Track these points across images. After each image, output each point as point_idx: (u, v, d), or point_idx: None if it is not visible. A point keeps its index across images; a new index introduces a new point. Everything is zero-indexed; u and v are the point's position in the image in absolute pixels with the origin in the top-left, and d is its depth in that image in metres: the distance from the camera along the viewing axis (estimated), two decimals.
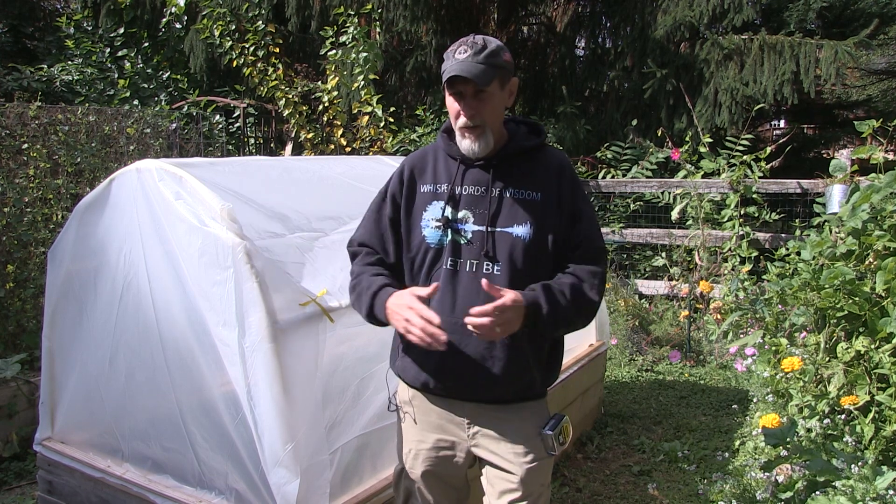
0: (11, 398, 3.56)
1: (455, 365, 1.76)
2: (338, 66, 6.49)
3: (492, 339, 1.67)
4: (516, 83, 1.81)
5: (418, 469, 1.89)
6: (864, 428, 2.51)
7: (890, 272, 2.56)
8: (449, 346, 1.69)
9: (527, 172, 1.80)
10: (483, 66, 1.67)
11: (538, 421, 1.82)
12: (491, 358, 1.74)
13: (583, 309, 1.76)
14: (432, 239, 1.78)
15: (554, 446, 1.79)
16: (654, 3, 7.55)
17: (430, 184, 1.84)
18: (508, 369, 1.75)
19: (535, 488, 1.80)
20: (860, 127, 3.30)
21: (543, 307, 1.66)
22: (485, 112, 1.72)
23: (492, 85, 1.70)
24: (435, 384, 1.80)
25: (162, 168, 2.32)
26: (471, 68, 1.66)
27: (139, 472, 2.41)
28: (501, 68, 1.72)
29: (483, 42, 1.70)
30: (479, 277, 1.70)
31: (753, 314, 3.42)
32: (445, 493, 1.93)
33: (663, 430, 4.01)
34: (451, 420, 1.85)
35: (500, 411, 1.81)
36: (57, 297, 2.66)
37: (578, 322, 1.80)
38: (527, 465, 1.78)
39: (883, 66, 11.17)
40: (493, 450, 1.81)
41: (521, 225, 1.75)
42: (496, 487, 1.82)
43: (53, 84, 8.15)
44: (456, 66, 1.67)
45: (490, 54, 1.69)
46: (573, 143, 7.31)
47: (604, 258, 1.83)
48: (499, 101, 1.75)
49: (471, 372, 1.75)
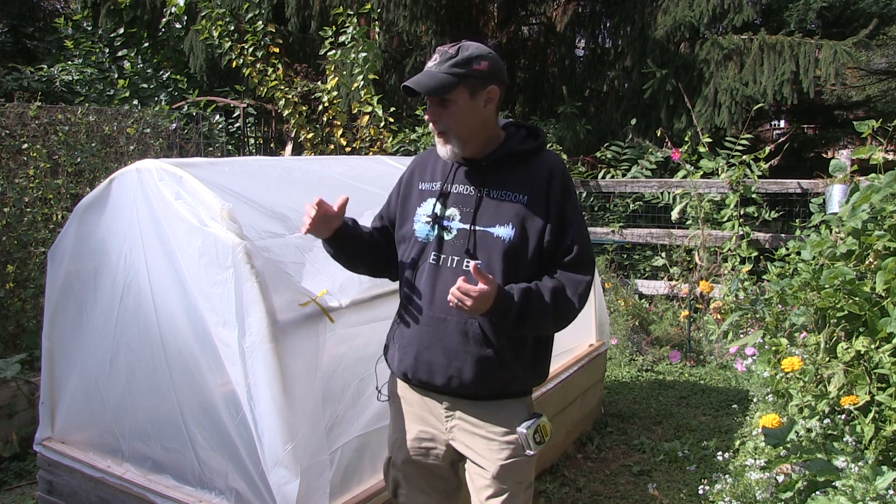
0: (11, 398, 3.56)
1: (429, 357, 1.80)
2: (337, 66, 6.49)
3: (461, 311, 1.68)
4: (496, 91, 1.79)
5: (403, 458, 1.94)
6: (864, 428, 2.51)
7: (890, 272, 2.56)
8: (425, 338, 1.80)
9: (517, 175, 1.82)
10: (443, 76, 1.70)
11: (514, 418, 1.83)
12: (464, 352, 1.77)
13: (560, 315, 1.77)
14: (421, 233, 1.85)
15: (529, 444, 1.79)
16: (654, 3, 7.55)
17: (427, 182, 1.91)
18: (481, 365, 1.77)
19: (510, 486, 1.81)
20: (860, 127, 3.30)
21: (513, 306, 1.69)
22: (447, 119, 1.75)
23: (453, 93, 1.71)
24: (412, 375, 1.85)
25: (162, 168, 2.31)
26: (423, 79, 1.71)
27: (139, 472, 2.41)
28: (470, 77, 1.72)
29: (456, 51, 1.73)
30: (459, 273, 1.74)
31: (753, 314, 3.42)
32: (433, 484, 1.96)
33: (663, 430, 4.01)
34: (430, 412, 1.89)
35: (478, 407, 1.83)
36: (57, 297, 2.66)
37: (552, 327, 1.82)
38: (501, 462, 1.80)
39: (883, 66, 11.18)
40: (469, 445, 1.85)
41: (503, 226, 1.77)
42: (475, 483, 1.86)
43: (53, 84, 8.14)
44: (415, 76, 1.73)
45: (458, 63, 1.71)
46: (573, 143, 7.31)
47: (591, 266, 1.84)
48: (466, 109, 1.75)
49: (444, 365, 1.79)
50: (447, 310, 1.76)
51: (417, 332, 1.83)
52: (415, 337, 1.83)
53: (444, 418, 1.87)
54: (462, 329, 1.77)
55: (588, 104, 8.42)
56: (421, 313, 1.82)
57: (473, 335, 1.76)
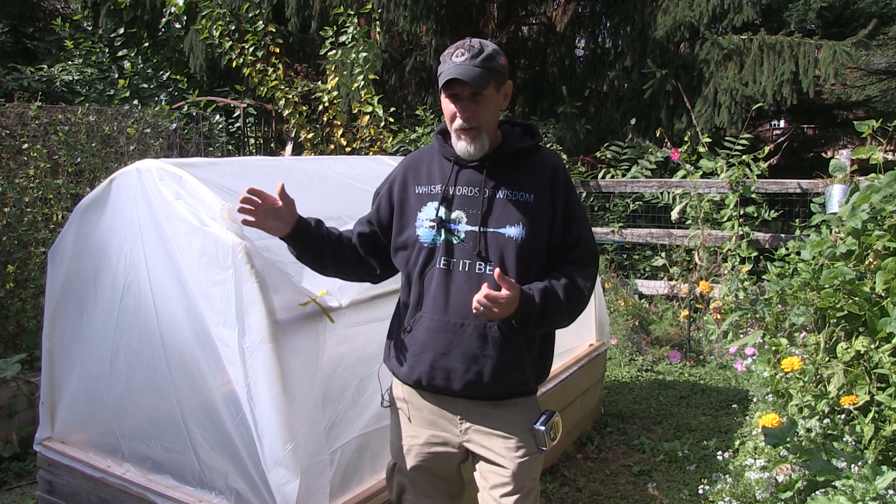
0: (11, 398, 3.56)
1: (447, 363, 1.78)
2: (338, 66, 6.49)
3: (487, 317, 1.69)
4: (511, 87, 1.84)
5: (411, 464, 1.92)
6: (864, 428, 2.51)
7: (890, 272, 2.56)
8: (440, 345, 1.78)
9: (520, 174, 1.83)
10: (480, 70, 1.70)
11: (530, 417, 1.85)
12: (483, 356, 1.77)
13: (572, 309, 1.81)
14: (426, 238, 1.82)
15: (545, 441, 1.82)
16: (654, 3, 7.55)
17: (424, 185, 1.88)
18: (500, 368, 1.78)
19: (526, 483, 1.83)
20: (860, 127, 3.30)
21: (536, 307, 1.72)
22: (481, 115, 1.75)
23: (488, 88, 1.73)
24: (427, 382, 1.82)
25: (162, 168, 2.32)
26: (468, 71, 1.69)
27: (139, 472, 2.41)
28: (497, 72, 1.75)
29: (480, 45, 1.74)
30: (472, 277, 1.75)
31: (753, 314, 3.42)
32: (438, 488, 1.96)
33: (663, 430, 4.02)
34: (443, 416, 1.88)
35: (492, 407, 1.84)
36: (57, 297, 2.66)
37: (564, 322, 1.85)
38: (518, 460, 1.81)
39: (883, 66, 11.18)
40: (486, 445, 1.84)
41: (514, 226, 1.77)
42: (489, 481, 1.85)
43: (53, 84, 8.13)
44: (454, 69, 1.70)
45: (486, 58, 1.72)
46: (573, 143, 7.31)
47: (596, 260, 1.89)
48: (494, 104, 1.78)
49: (462, 370, 1.78)
50: (464, 315, 1.75)
51: (431, 338, 1.79)
52: (428, 343, 1.80)
53: (458, 421, 1.86)
54: (481, 333, 1.76)
55: (588, 104, 8.42)
56: (433, 319, 1.79)
57: (493, 338, 1.76)
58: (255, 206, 1.77)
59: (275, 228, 1.82)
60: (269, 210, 1.79)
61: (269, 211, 1.79)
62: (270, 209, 1.79)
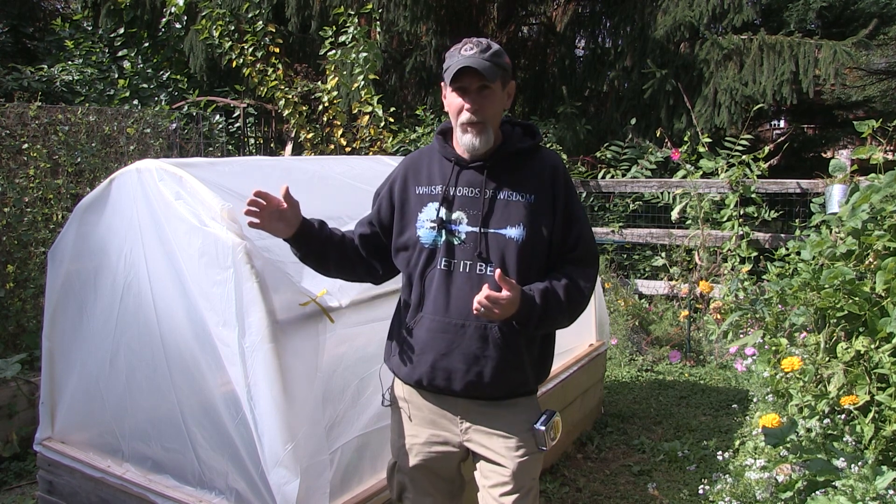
0: (11, 398, 3.56)
1: (448, 364, 1.79)
2: (338, 66, 6.49)
3: (487, 317, 1.70)
4: (514, 87, 1.86)
5: (411, 463, 1.92)
6: (864, 428, 2.51)
7: (890, 272, 2.56)
8: (441, 345, 1.78)
9: (521, 174, 1.83)
10: (489, 63, 1.72)
11: (530, 416, 1.86)
12: (484, 357, 1.77)
13: (572, 309, 1.82)
14: (426, 239, 1.82)
15: (545, 441, 1.83)
16: (654, 3, 7.55)
17: (425, 185, 1.87)
18: (501, 368, 1.78)
19: (525, 482, 1.83)
20: (860, 127, 3.30)
21: (536, 308, 1.72)
22: (487, 109, 1.75)
23: (496, 82, 1.75)
24: (428, 382, 1.83)
25: (162, 168, 2.32)
26: (479, 63, 1.71)
27: (139, 472, 2.41)
28: (503, 69, 1.77)
29: (487, 42, 1.76)
30: (473, 278, 1.76)
31: (753, 314, 3.42)
32: (438, 486, 1.97)
33: (663, 430, 4.02)
34: (443, 416, 1.88)
35: (493, 407, 1.84)
36: (57, 297, 2.66)
37: (565, 323, 1.85)
38: (518, 459, 1.82)
39: (883, 66, 11.18)
40: (486, 444, 1.85)
41: (514, 227, 1.77)
42: (489, 480, 1.86)
43: (53, 84, 8.13)
44: (464, 60, 1.71)
45: (494, 53, 1.75)
46: (573, 143, 7.31)
47: (597, 260, 1.90)
48: (499, 100, 1.79)
49: (463, 371, 1.78)
50: (465, 315, 1.75)
51: (432, 339, 1.80)
52: (429, 344, 1.80)
53: (459, 421, 1.86)
54: (482, 334, 1.76)
55: (588, 104, 8.42)
56: (433, 320, 1.79)
57: (493, 339, 1.76)
58: (261, 208, 1.77)
59: (279, 230, 1.82)
60: (273, 212, 1.79)
61: (274, 213, 1.79)
62: (275, 211, 1.79)
